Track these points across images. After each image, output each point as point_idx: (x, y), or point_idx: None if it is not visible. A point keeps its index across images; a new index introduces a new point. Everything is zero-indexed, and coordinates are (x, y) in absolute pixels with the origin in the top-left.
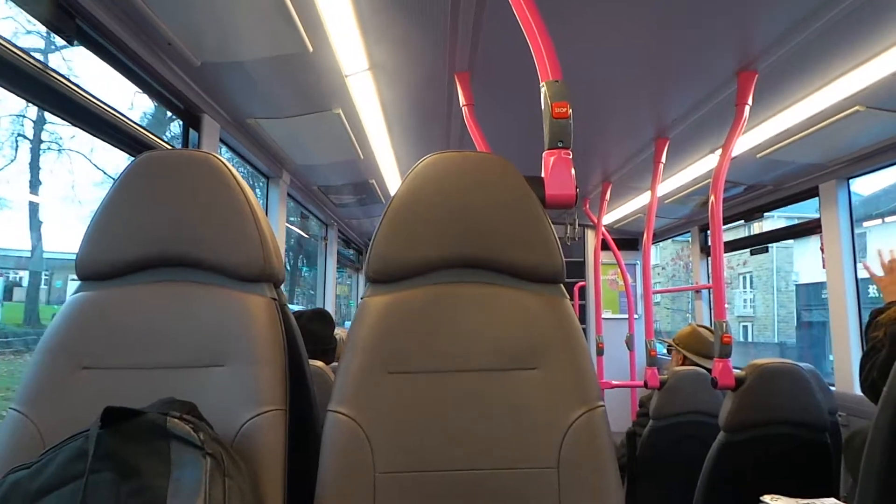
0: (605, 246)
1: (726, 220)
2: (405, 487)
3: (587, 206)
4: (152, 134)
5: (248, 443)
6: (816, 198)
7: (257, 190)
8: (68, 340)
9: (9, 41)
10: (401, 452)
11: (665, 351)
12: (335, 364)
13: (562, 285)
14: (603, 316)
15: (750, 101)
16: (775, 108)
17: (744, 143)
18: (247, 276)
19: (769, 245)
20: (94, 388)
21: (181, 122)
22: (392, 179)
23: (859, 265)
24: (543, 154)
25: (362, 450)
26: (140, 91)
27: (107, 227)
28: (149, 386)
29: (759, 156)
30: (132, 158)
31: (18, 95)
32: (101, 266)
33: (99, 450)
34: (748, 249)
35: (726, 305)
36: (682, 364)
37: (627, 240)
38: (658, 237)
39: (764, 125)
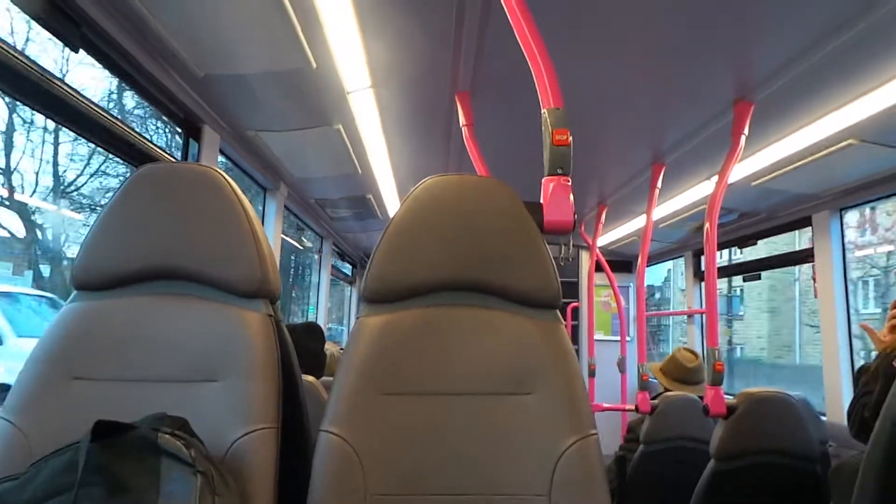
0: (598, 267)
1: (720, 247)
2: None
3: (582, 227)
4: (154, 145)
5: (239, 460)
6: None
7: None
8: (61, 350)
9: (14, 49)
10: (393, 474)
11: None
12: (325, 378)
13: (558, 311)
14: (595, 337)
15: (746, 131)
16: (771, 138)
17: (739, 171)
18: (244, 292)
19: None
20: (86, 399)
21: (182, 132)
22: (390, 195)
23: (857, 325)
24: (543, 180)
25: (354, 471)
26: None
27: (105, 238)
28: (141, 399)
29: (753, 184)
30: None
31: (22, 103)
32: (97, 276)
33: (89, 463)
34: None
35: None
36: (668, 389)
37: (621, 262)
38: (652, 260)
39: (759, 154)
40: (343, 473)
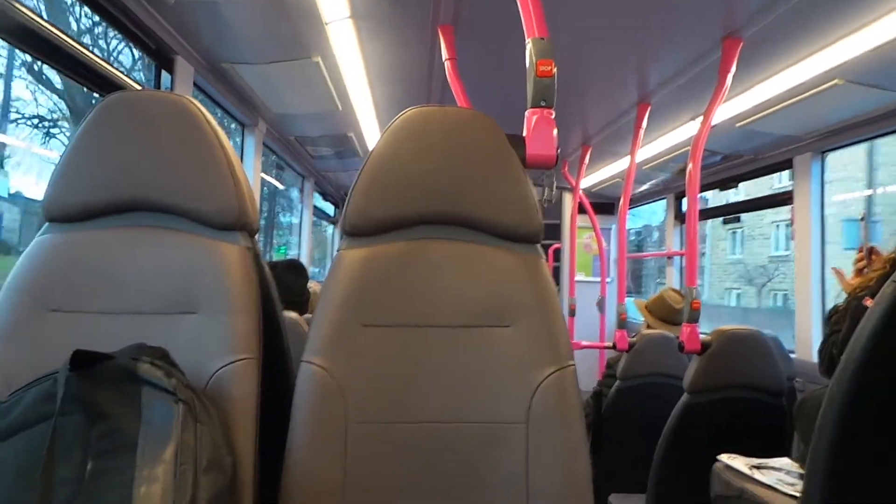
0: (581, 209)
1: (703, 189)
2: (376, 437)
3: (566, 168)
4: (122, 73)
5: (220, 390)
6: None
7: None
8: (35, 282)
9: None
10: (373, 403)
11: None
12: (308, 316)
13: (539, 245)
14: (576, 278)
15: (733, 70)
16: (757, 77)
17: (723, 111)
18: (221, 224)
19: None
20: (62, 331)
21: (153, 63)
22: (371, 133)
23: (828, 268)
24: (526, 113)
25: (335, 400)
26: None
27: (76, 168)
28: (118, 331)
29: (738, 125)
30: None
31: None
32: (69, 208)
33: (68, 392)
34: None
35: None
36: (649, 327)
37: (603, 204)
38: (634, 202)
39: (745, 95)
40: (324, 402)
